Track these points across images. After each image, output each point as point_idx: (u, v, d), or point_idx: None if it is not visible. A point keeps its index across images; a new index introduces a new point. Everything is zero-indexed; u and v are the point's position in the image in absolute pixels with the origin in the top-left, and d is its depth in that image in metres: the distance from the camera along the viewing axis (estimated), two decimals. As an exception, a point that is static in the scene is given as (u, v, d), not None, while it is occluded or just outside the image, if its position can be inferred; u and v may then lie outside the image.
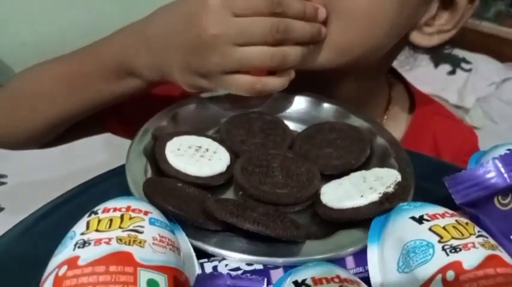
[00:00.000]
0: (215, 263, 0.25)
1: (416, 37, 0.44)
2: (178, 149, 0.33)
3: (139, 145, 0.34)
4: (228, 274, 0.24)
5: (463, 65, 1.73)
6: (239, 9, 0.34)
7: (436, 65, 1.73)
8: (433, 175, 0.30)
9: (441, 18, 0.44)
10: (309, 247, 0.26)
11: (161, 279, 0.20)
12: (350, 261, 0.26)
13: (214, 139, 0.36)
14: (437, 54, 1.78)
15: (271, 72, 0.37)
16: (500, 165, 0.27)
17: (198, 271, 0.24)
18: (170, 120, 0.37)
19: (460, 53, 1.78)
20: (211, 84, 0.37)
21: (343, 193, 0.30)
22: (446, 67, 1.72)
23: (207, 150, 0.34)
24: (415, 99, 0.56)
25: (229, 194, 0.33)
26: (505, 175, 0.27)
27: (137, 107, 0.44)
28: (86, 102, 0.43)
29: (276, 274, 0.24)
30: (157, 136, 0.35)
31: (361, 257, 0.26)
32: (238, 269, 0.25)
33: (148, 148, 0.34)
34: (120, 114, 0.52)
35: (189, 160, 0.33)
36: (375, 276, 0.24)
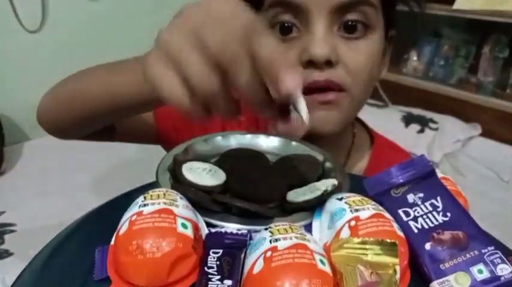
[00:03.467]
0: (217, 229, 0.40)
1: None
2: (191, 169, 0.49)
3: (164, 165, 0.50)
4: (225, 232, 0.39)
5: (431, 124, 1.95)
6: (207, 41, 0.32)
7: (407, 125, 1.95)
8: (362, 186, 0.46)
9: (384, 58, 0.66)
10: (277, 221, 0.41)
11: (188, 224, 0.35)
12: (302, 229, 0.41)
13: (214, 164, 0.52)
14: (408, 115, 2.00)
15: None
16: (396, 171, 0.44)
17: (207, 232, 0.39)
18: (184, 151, 0.54)
19: (427, 114, 2.01)
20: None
21: (300, 193, 0.46)
22: (415, 127, 1.94)
23: (210, 170, 0.50)
24: (372, 135, 0.74)
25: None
26: (399, 177, 0.43)
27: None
28: (116, 104, 0.51)
29: (255, 235, 0.39)
30: (176, 160, 0.51)
31: (309, 227, 0.41)
32: (231, 233, 0.39)
33: (170, 168, 0.50)
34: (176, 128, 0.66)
35: (198, 175, 0.48)
36: (315, 235, 0.40)
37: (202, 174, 0.49)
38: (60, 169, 1.69)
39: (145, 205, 0.36)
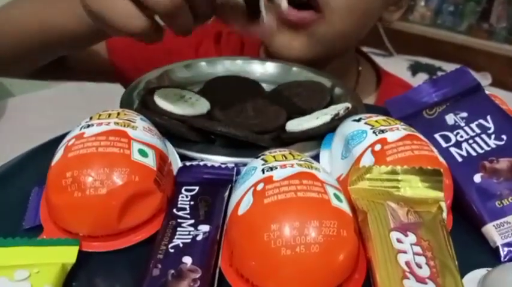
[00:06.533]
0: (195, 163, 0.30)
1: (386, 16, 0.56)
2: (165, 95, 0.39)
3: (131, 93, 0.39)
4: (204, 164, 0.29)
5: (439, 73, 1.82)
6: None
7: (414, 74, 1.82)
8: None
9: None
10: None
11: (150, 151, 0.25)
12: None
13: (196, 92, 0.42)
14: (415, 64, 1.87)
15: None
16: (428, 87, 0.33)
17: (180, 165, 0.29)
18: (159, 77, 0.43)
19: (436, 62, 1.88)
20: None
21: (303, 120, 0.36)
22: (423, 76, 1.81)
23: (190, 98, 0.40)
24: (380, 74, 0.64)
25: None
26: (433, 95, 0.33)
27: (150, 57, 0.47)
28: (46, 32, 0.45)
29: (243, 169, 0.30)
30: (148, 86, 0.40)
31: (316, 160, 0.31)
32: (213, 166, 0.30)
33: (139, 95, 0.40)
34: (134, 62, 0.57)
35: (175, 103, 0.38)
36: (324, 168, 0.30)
37: (180, 102, 0.39)
38: (47, 127, 1.59)
39: (89, 126, 0.25)
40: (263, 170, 0.23)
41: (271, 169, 0.23)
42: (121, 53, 0.59)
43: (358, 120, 0.30)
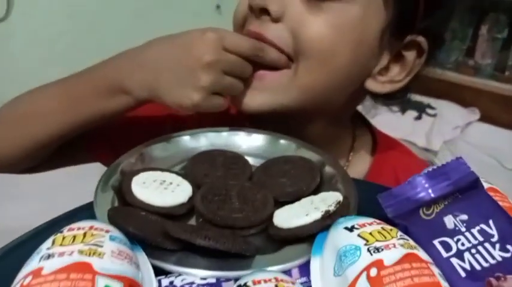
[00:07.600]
0: (172, 279, 0.27)
1: (371, 84, 0.49)
2: (144, 183, 0.36)
3: (107, 180, 0.37)
4: (181, 285, 0.26)
5: (428, 110, 1.83)
6: (229, 46, 0.42)
7: (403, 111, 1.83)
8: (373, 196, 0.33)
9: (393, 70, 0.49)
10: (258, 261, 0.29)
11: (117, 286, 0.22)
12: (295, 272, 0.28)
13: (178, 174, 0.39)
14: (404, 101, 1.88)
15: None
16: (424, 181, 0.31)
17: (156, 286, 0.26)
18: (138, 157, 0.41)
19: (424, 99, 1.89)
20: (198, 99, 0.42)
21: (292, 214, 0.33)
22: (412, 113, 1.82)
23: (171, 183, 0.37)
24: (375, 136, 0.61)
25: (191, 223, 0.36)
26: (429, 190, 0.31)
27: (126, 135, 0.47)
28: (78, 119, 0.46)
29: (227, 286, 0.27)
30: (125, 172, 0.38)
31: (305, 268, 0.29)
32: (192, 283, 0.27)
33: (116, 183, 0.37)
34: (110, 142, 0.54)
35: (154, 191, 0.35)
36: (316, 283, 0.27)
37: (159, 189, 0.36)
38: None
39: (49, 257, 0.23)
40: (245, 315, 0.20)
41: (254, 313, 0.20)
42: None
43: (351, 229, 0.27)
